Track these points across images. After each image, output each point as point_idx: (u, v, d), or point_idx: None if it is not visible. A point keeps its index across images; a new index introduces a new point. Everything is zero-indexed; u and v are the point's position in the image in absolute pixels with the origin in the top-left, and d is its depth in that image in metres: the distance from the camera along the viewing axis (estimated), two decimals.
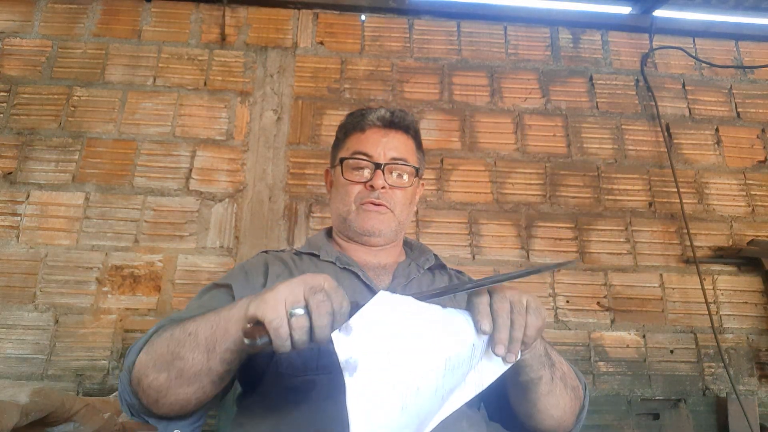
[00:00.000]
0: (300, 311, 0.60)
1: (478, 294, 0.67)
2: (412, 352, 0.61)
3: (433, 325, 0.64)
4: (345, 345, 0.58)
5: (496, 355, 0.65)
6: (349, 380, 0.57)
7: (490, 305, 0.66)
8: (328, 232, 1.13)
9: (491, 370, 0.68)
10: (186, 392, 0.73)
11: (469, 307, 0.67)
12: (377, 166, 1.01)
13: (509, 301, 0.66)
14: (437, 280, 1.05)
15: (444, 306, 0.66)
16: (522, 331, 0.66)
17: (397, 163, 1.03)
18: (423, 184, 1.17)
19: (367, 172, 1.02)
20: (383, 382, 0.59)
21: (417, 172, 1.07)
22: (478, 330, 0.65)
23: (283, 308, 0.60)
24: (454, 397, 0.67)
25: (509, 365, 0.68)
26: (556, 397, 0.81)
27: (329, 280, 0.64)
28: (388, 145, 1.03)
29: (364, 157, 1.02)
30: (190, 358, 0.70)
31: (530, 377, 0.77)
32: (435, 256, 1.10)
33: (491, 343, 0.66)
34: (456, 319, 0.66)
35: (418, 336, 0.62)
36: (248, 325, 0.63)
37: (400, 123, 1.07)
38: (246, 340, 0.61)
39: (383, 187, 1.00)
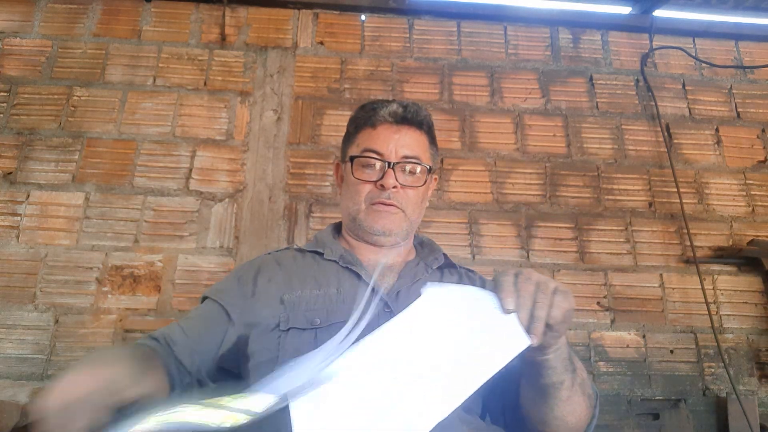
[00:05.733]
0: None
1: (504, 273, 0.68)
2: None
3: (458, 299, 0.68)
4: None
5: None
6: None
7: (515, 284, 0.65)
8: (337, 228, 1.10)
9: (510, 348, 0.65)
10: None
11: (494, 286, 0.67)
12: (388, 164, 0.98)
13: (535, 282, 0.66)
14: (446, 280, 1.02)
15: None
16: (546, 310, 0.64)
17: (409, 162, 1.00)
18: (436, 179, 1.14)
19: (377, 171, 0.99)
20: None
21: (429, 171, 1.04)
22: (502, 309, 0.65)
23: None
24: (464, 378, 0.62)
25: (528, 345, 0.64)
26: (574, 404, 0.79)
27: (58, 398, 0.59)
28: (399, 143, 0.99)
29: (375, 156, 0.99)
30: None
31: (552, 381, 0.75)
32: (444, 255, 1.08)
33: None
34: (480, 294, 0.67)
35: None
36: None
37: (413, 119, 1.03)
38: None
39: (394, 187, 0.97)
